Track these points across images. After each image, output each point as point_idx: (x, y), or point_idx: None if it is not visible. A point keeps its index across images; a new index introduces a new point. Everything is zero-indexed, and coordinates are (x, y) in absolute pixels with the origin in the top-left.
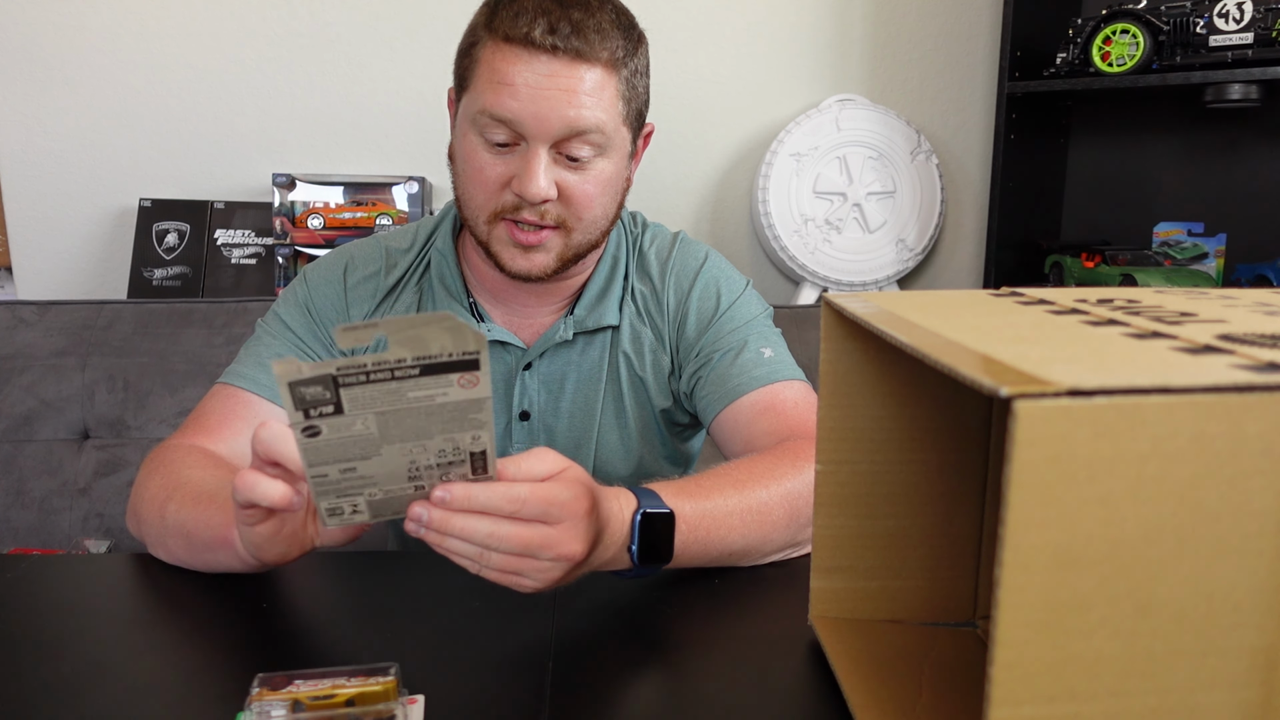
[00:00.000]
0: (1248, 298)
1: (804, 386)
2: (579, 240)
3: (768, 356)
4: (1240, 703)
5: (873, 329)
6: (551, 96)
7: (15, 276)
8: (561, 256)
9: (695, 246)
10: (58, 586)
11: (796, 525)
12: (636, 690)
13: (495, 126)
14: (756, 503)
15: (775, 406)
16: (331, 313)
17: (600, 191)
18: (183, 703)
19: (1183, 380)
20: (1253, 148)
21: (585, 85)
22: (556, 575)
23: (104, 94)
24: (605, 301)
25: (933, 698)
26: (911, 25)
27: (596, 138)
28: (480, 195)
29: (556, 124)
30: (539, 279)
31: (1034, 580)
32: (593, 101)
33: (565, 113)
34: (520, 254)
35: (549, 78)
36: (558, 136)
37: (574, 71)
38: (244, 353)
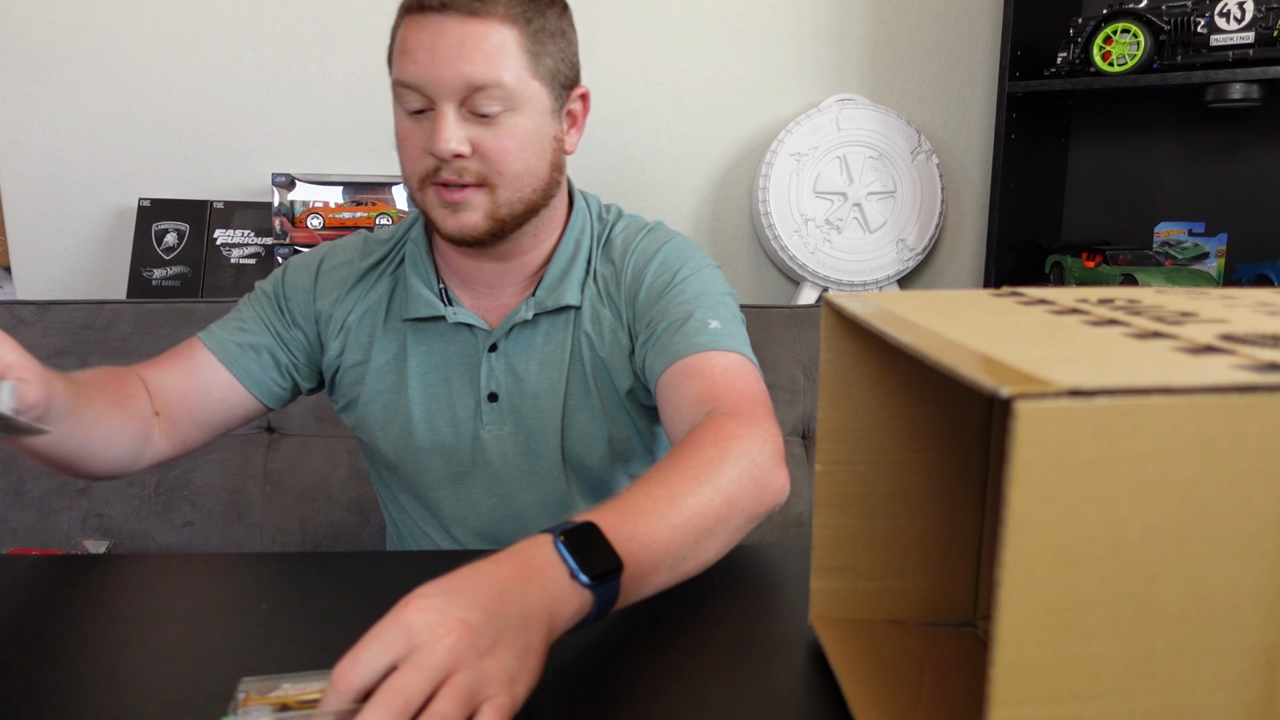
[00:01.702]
0: (1248, 297)
1: (743, 360)
2: (506, 198)
3: (712, 327)
4: (1241, 704)
5: (873, 329)
6: (445, 54)
7: (14, 276)
8: (492, 215)
9: (665, 232)
10: (57, 586)
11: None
12: (636, 690)
13: (408, 94)
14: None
15: (703, 371)
16: (300, 299)
17: (518, 146)
18: (182, 702)
19: (1184, 380)
20: (1254, 147)
21: (479, 41)
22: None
23: (103, 94)
24: (566, 282)
25: (933, 698)
26: (911, 25)
27: (497, 92)
28: (408, 164)
29: (453, 80)
30: (475, 241)
31: (1034, 580)
32: (488, 56)
33: (460, 68)
34: (449, 214)
35: (441, 36)
36: (459, 93)
37: (466, 28)
38: (226, 317)
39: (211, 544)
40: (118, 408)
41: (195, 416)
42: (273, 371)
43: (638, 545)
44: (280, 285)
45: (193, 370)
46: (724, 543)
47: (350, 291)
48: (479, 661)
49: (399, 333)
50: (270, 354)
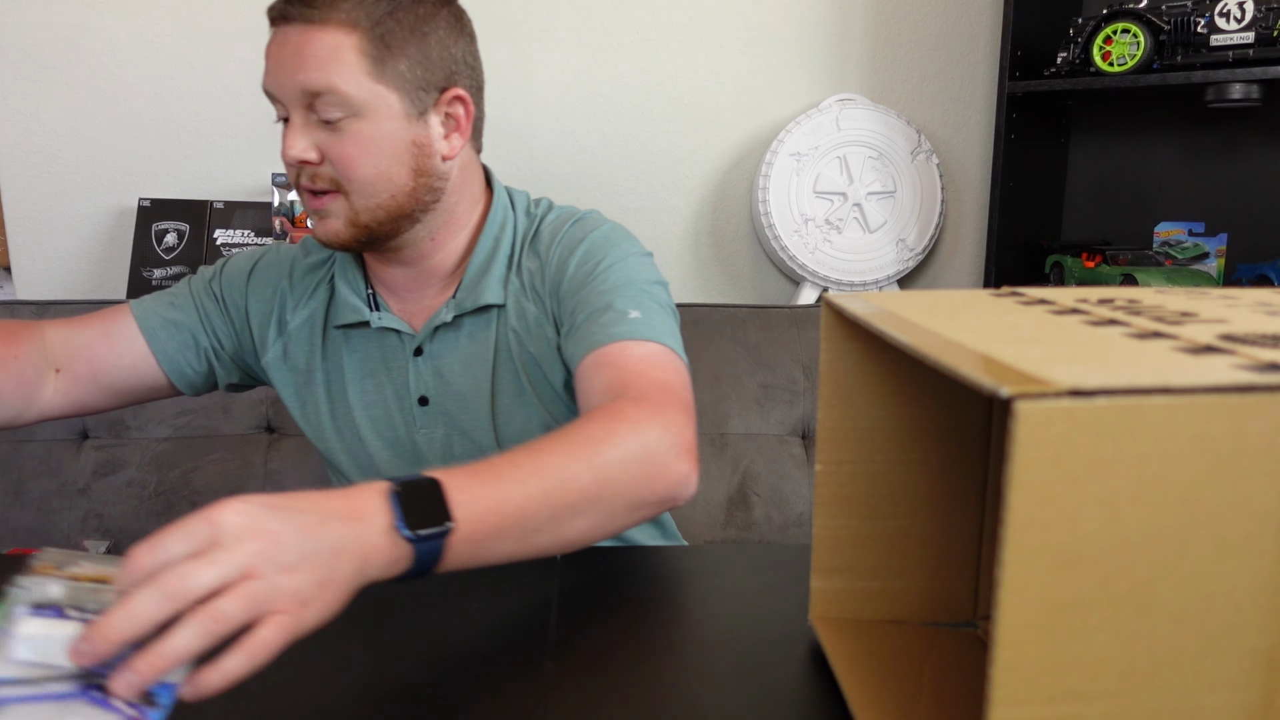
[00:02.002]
0: (1248, 297)
1: (662, 350)
2: (361, 204)
3: (631, 317)
4: (1241, 703)
5: (873, 329)
6: (285, 63)
7: (14, 276)
8: (352, 222)
9: (594, 221)
10: None
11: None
12: (636, 690)
13: (273, 104)
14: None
15: (616, 361)
16: (234, 292)
17: (362, 153)
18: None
19: (1184, 380)
20: (1254, 147)
21: (313, 49)
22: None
23: (103, 94)
24: (485, 281)
25: (933, 698)
26: (911, 25)
27: (333, 99)
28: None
29: (291, 88)
30: (345, 247)
31: (1035, 580)
32: (322, 63)
33: (295, 76)
34: (317, 220)
35: (281, 45)
36: (298, 101)
37: (302, 36)
38: (161, 291)
39: None
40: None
41: (99, 379)
42: (189, 353)
43: (481, 508)
44: (219, 273)
45: (109, 333)
46: (596, 524)
47: (286, 293)
48: (276, 574)
49: (337, 340)
50: (192, 334)
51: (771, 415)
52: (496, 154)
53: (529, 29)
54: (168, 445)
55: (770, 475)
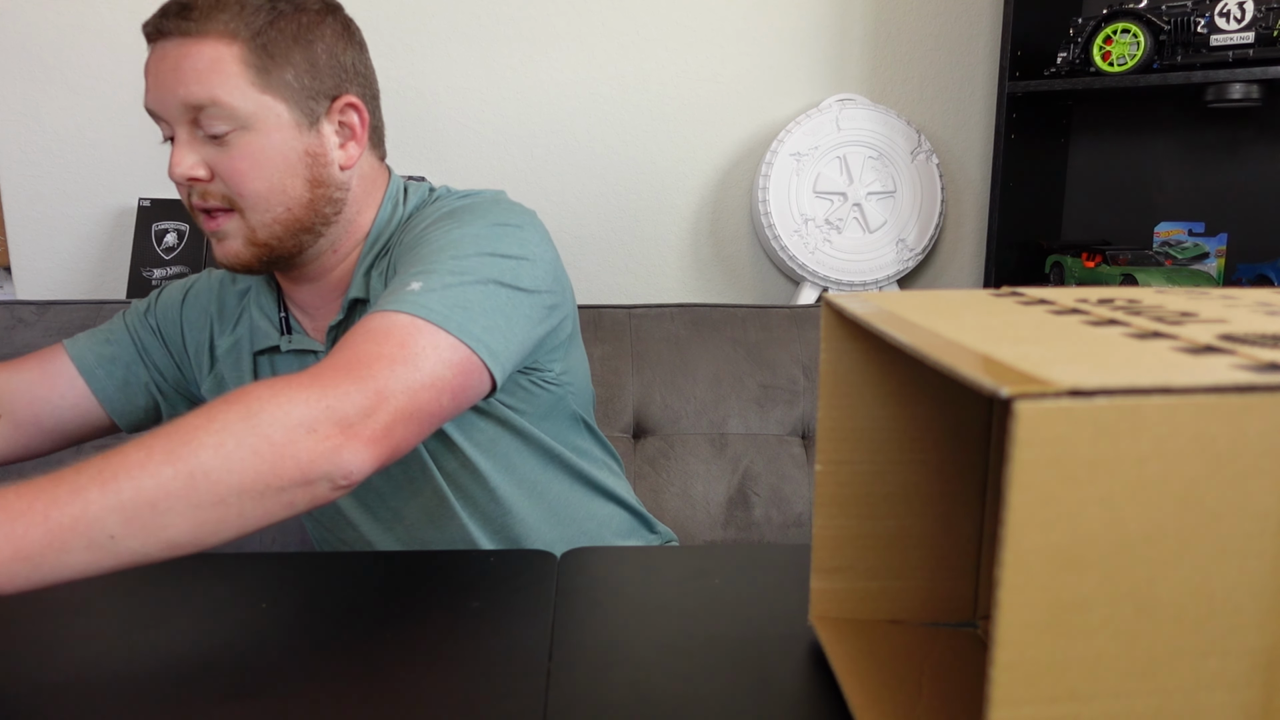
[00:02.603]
0: (1249, 297)
1: (414, 321)
2: (258, 220)
3: (410, 289)
4: (1241, 703)
5: (873, 329)
6: (164, 78)
7: (14, 276)
8: (250, 240)
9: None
10: (57, 586)
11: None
12: (636, 690)
13: (157, 125)
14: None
15: (351, 334)
16: (168, 321)
17: (252, 166)
18: (182, 702)
19: (1184, 381)
20: (1254, 147)
21: (193, 61)
22: None
23: (103, 94)
24: (356, 278)
25: (933, 698)
26: (911, 25)
27: (216, 111)
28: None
29: (171, 104)
30: (249, 269)
31: (1034, 581)
32: (201, 75)
33: (176, 91)
34: (216, 243)
35: (160, 61)
36: (182, 117)
37: (181, 50)
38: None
39: None
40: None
41: (43, 423)
42: (130, 389)
43: (24, 524)
44: (153, 304)
45: (47, 375)
46: (212, 519)
47: (214, 321)
48: None
49: (263, 366)
50: (130, 369)
51: (771, 415)
52: (496, 154)
53: (529, 29)
54: None
55: (770, 475)
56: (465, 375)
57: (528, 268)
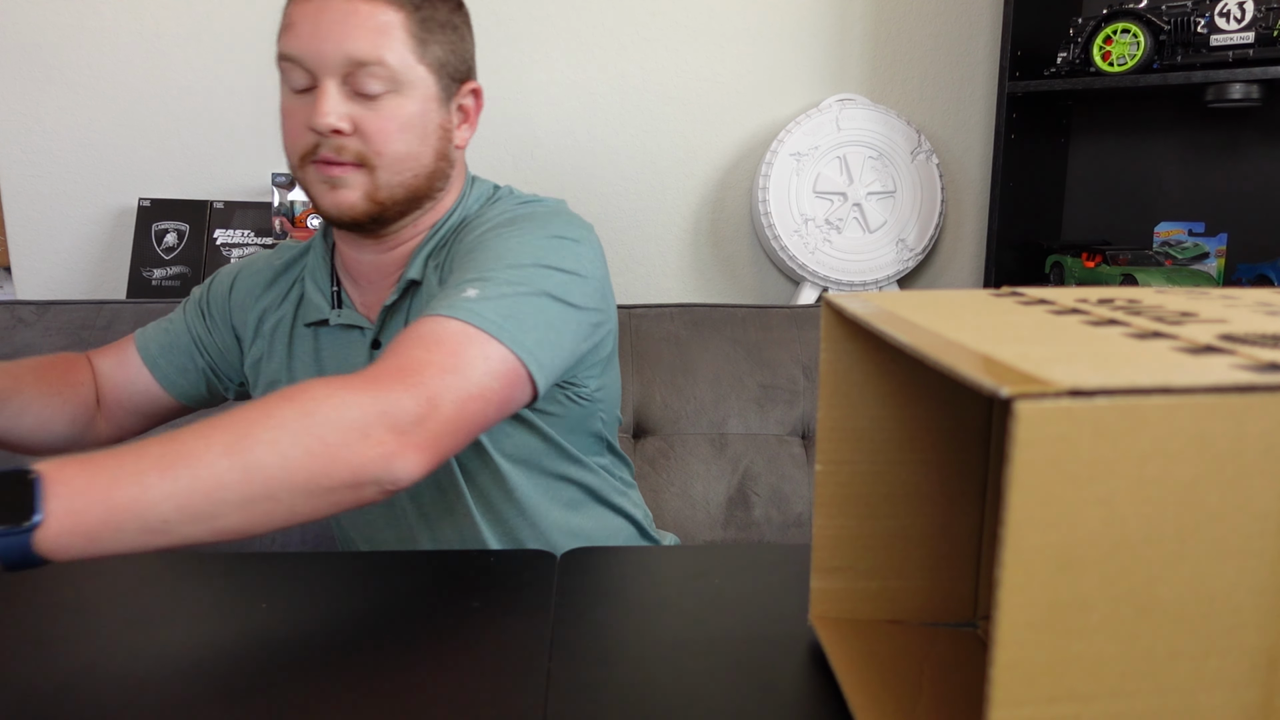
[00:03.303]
0: (1249, 297)
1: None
2: (386, 180)
3: (465, 295)
4: (1241, 704)
5: (873, 329)
6: (328, 30)
7: (14, 276)
8: (370, 196)
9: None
10: (57, 586)
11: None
12: (636, 690)
13: (290, 69)
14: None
15: (400, 340)
16: (218, 305)
17: (399, 129)
18: (182, 703)
19: (1184, 380)
20: (1254, 147)
21: (364, 19)
22: None
23: (103, 94)
24: (416, 261)
25: (933, 698)
26: (911, 25)
27: (379, 71)
28: (288, 140)
29: (332, 55)
30: (354, 221)
31: (1034, 581)
32: (372, 35)
33: (342, 45)
34: (328, 189)
35: (322, 12)
36: (340, 69)
37: (349, 6)
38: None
39: None
40: (55, 395)
41: (126, 406)
42: (189, 375)
43: (86, 500)
44: (206, 291)
45: (122, 364)
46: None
47: (262, 296)
48: None
49: (309, 337)
50: (189, 357)
51: (771, 415)
52: (497, 154)
53: (529, 29)
54: None
55: (770, 475)
56: (511, 387)
57: (580, 284)
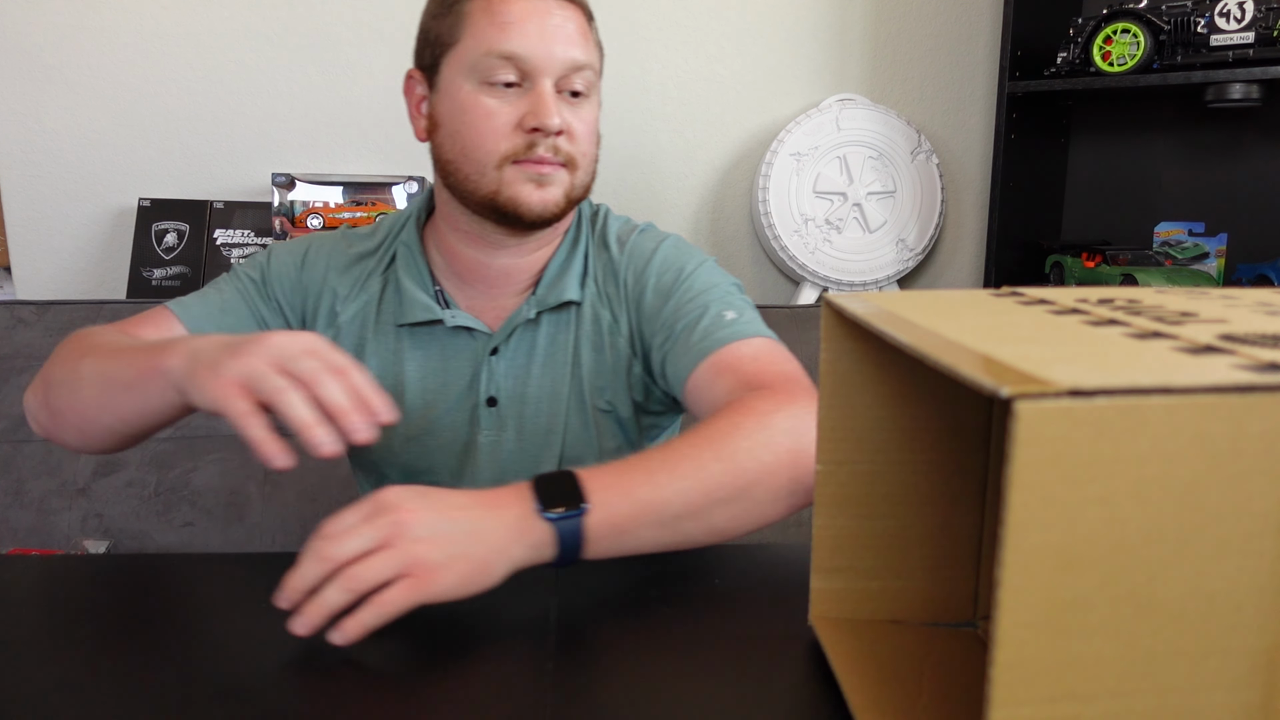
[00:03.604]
0: (1249, 297)
1: (768, 343)
2: (580, 181)
3: (729, 318)
4: (1241, 704)
5: (873, 329)
6: (554, 32)
7: (14, 276)
8: (568, 196)
9: (657, 232)
10: (57, 587)
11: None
12: (636, 690)
13: (503, 66)
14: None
15: (731, 365)
16: (285, 285)
17: (591, 130)
18: (183, 703)
19: (1184, 380)
20: (1254, 147)
21: (576, 26)
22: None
23: (103, 94)
24: (565, 278)
25: (933, 698)
26: (911, 25)
27: (589, 76)
28: (489, 141)
29: (560, 58)
30: (547, 221)
31: (1034, 580)
32: (582, 41)
33: (568, 48)
34: (535, 188)
35: (547, 16)
36: (561, 71)
37: (566, 11)
38: (199, 293)
39: (211, 544)
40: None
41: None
42: None
43: (615, 494)
44: (265, 269)
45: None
46: (742, 512)
47: (335, 282)
48: (410, 544)
49: (391, 337)
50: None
51: None
52: None
53: None
54: (167, 445)
55: None
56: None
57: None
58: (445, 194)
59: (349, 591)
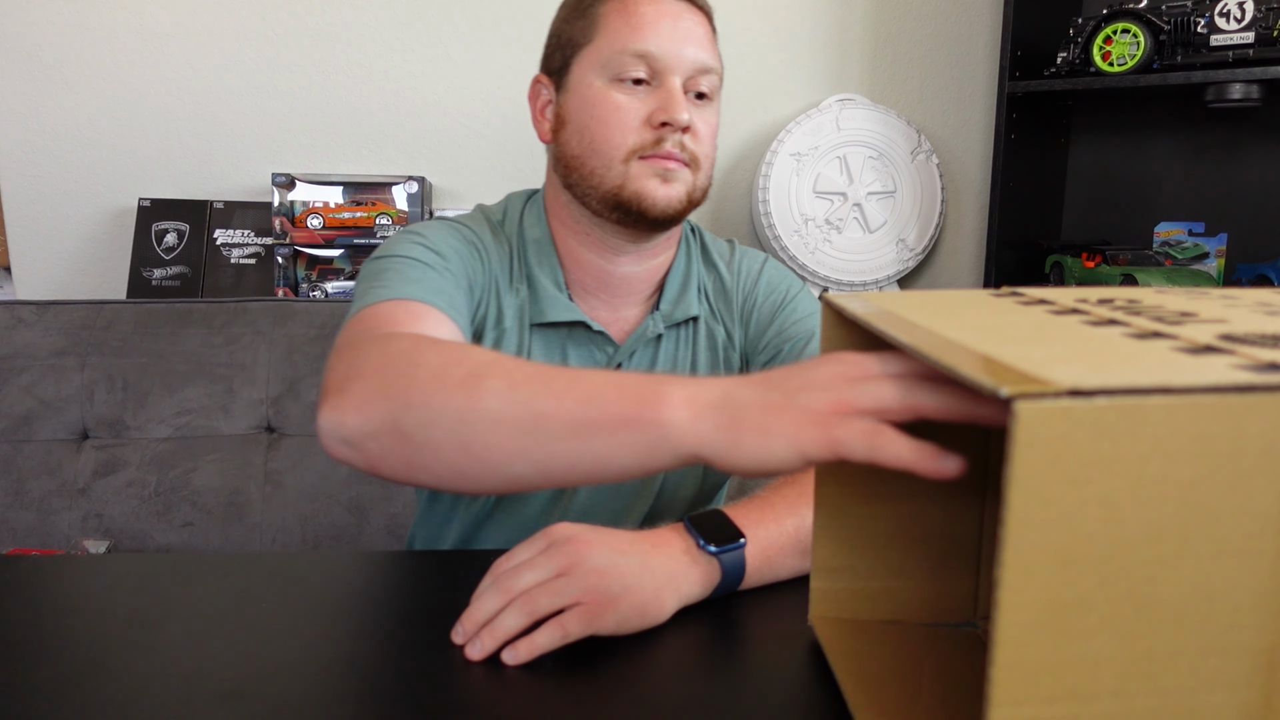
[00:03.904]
0: (1248, 298)
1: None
2: (701, 183)
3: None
4: (1240, 703)
5: (873, 329)
6: (685, 34)
7: (14, 276)
8: (689, 195)
9: (751, 249)
10: (57, 587)
11: None
12: (636, 690)
13: (635, 63)
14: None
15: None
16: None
17: (712, 131)
18: (183, 702)
19: (1183, 380)
20: (1254, 147)
21: (705, 32)
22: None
23: (103, 94)
24: (687, 293)
25: (933, 698)
26: (911, 25)
27: (714, 80)
28: (619, 135)
29: (690, 59)
30: (669, 219)
31: (1034, 580)
32: (710, 45)
33: (697, 50)
34: (661, 183)
35: (679, 17)
36: (690, 72)
37: (695, 16)
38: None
39: (211, 544)
40: None
41: None
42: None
43: (766, 526)
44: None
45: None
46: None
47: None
48: (585, 575)
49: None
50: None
51: None
52: (498, 154)
53: (529, 29)
54: (168, 445)
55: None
56: None
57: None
58: (564, 196)
59: (526, 615)
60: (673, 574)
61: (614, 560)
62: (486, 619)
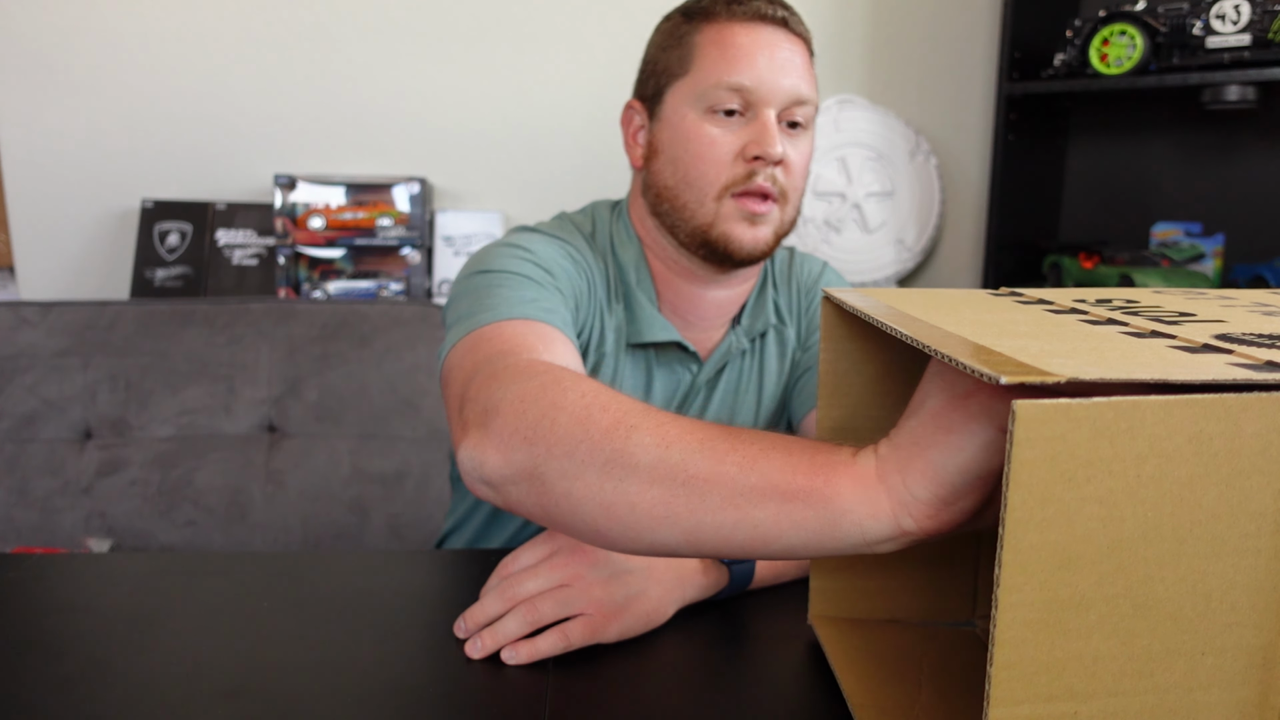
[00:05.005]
0: (1245, 298)
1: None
2: (788, 217)
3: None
4: (1237, 701)
5: (872, 321)
6: (782, 64)
7: (18, 277)
8: (777, 233)
9: (812, 258)
10: (60, 586)
11: None
12: (636, 690)
13: (730, 96)
14: None
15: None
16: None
17: (804, 163)
18: (183, 702)
19: (1181, 379)
20: (1250, 149)
21: (802, 60)
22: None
23: (106, 95)
24: (764, 308)
25: (932, 697)
26: (911, 25)
27: (809, 110)
28: (712, 169)
29: (786, 89)
30: (759, 257)
31: (1033, 580)
32: (807, 74)
33: (794, 81)
34: (749, 227)
35: (776, 48)
36: (785, 102)
37: (793, 45)
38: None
39: (213, 543)
40: None
41: None
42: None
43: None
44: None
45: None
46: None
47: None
48: (590, 586)
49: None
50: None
51: None
52: (496, 154)
53: (529, 29)
54: (170, 444)
55: None
56: None
57: None
58: (651, 222)
59: (528, 623)
60: (679, 579)
61: (619, 569)
62: (488, 620)
